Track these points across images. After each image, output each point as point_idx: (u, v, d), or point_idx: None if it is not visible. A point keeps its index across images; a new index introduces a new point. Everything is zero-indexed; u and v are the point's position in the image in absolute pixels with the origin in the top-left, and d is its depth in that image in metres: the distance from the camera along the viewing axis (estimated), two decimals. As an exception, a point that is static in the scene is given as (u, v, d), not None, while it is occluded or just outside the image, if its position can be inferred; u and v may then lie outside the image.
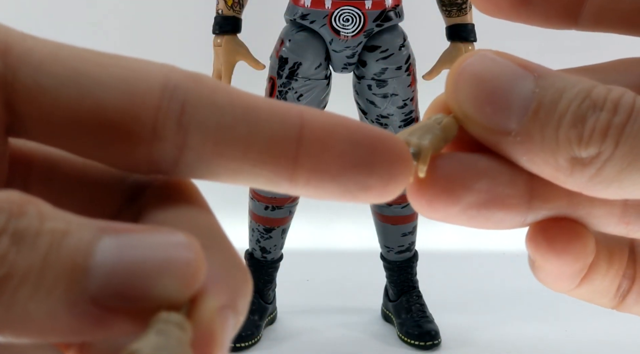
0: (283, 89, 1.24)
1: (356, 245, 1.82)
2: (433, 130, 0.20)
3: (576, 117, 0.19)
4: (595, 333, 1.33)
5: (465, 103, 0.20)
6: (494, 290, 1.57)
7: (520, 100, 0.19)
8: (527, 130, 0.19)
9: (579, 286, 0.22)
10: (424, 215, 0.21)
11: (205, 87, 0.18)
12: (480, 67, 0.20)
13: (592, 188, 0.19)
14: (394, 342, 1.33)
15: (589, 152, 0.19)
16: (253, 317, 1.33)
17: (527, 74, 0.20)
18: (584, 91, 0.19)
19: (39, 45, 0.17)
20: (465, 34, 1.27)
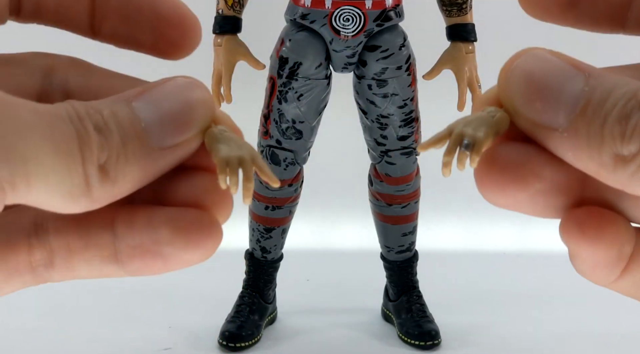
0: (283, 89, 1.24)
1: (356, 245, 1.82)
2: (487, 123, 0.21)
3: (621, 115, 0.19)
4: (595, 333, 1.33)
5: (516, 98, 0.21)
6: (494, 290, 1.57)
7: (570, 98, 0.20)
8: (575, 127, 0.20)
9: (620, 278, 0.22)
10: (492, 201, 0.22)
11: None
12: (532, 65, 0.21)
13: (633, 185, 0.20)
14: (394, 342, 1.33)
15: (630, 149, 0.19)
16: (253, 317, 1.32)
17: (578, 73, 0.20)
18: (631, 92, 0.20)
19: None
20: (466, 33, 1.27)
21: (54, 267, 0.22)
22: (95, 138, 0.20)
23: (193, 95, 0.22)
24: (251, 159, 0.22)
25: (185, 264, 0.22)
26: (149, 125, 0.21)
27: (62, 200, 0.20)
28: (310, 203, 1.59)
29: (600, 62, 0.24)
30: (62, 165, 0.19)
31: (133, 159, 0.20)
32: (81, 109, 0.20)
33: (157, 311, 1.42)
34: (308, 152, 1.31)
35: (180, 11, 0.24)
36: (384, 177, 1.33)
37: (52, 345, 1.26)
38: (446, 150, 0.21)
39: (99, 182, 0.20)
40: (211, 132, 0.22)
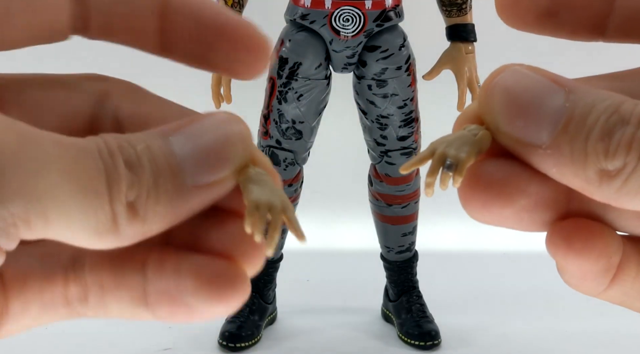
0: (283, 89, 1.24)
1: (356, 245, 1.82)
2: (469, 142, 0.21)
3: (604, 131, 0.19)
4: (595, 333, 1.33)
5: (498, 116, 0.21)
6: (494, 290, 1.57)
7: (551, 114, 0.20)
8: (558, 143, 0.20)
9: (609, 288, 0.22)
10: (477, 218, 0.22)
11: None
12: (512, 81, 0.21)
13: (619, 200, 0.20)
14: (394, 342, 1.33)
15: (615, 165, 0.19)
16: (253, 317, 1.33)
17: (558, 88, 0.20)
18: (613, 106, 0.19)
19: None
20: (466, 34, 1.27)
21: (87, 303, 0.22)
22: (125, 175, 0.19)
23: (230, 132, 0.21)
24: (282, 208, 0.21)
25: (210, 315, 0.21)
26: (183, 160, 0.20)
27: (87, 237, 0.19)
28: (310, 203, 1.59)
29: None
30: (86, 201, 0.19)
31: (164, 197, 0.20)
32: (113, 143, 0.20)
33: (157, 311, 1.42)
34: (308, 152, 1.31)
35: (255, 35, 0.23)
36: (383, 177, 1.33)
37: (52, 345, 1.26)
38: (429, 170, 0.21)
39: (127, 220, 0.19)
40: (247, 172, 0.21)
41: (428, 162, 0.21)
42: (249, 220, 0.21)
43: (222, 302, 0.21)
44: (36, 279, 0.21)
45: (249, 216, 0.21)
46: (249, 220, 0.21)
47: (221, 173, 0.21)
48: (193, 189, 0.20)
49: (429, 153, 0.21)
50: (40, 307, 0.21)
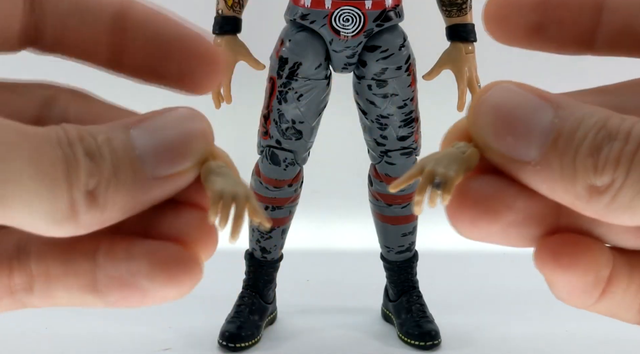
0: (283, 89, 1.24)
1: (356, 245, 1.82)
2: (458, 160, 0.21)
3: (592, 147, 0.19)
4: (595, 333, 1.33)
5: (486, 134, 0.21)
6: (494, 290, 1.57)
7: (540, 131, 0.20)
8: (547, 159, 0.20)
9: (599, 301, 0.22)
10: (464, 234, 0.22)
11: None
12: (500, 99, 0.21)
13: (608, 215, 0.20)
14: (394, 342, 1.33)
15: (603, 180, 0.19)
16: (253, 317, 1.32)
17: (546, 105, 0.20)
18: (600, 121, 0.20)
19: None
20: (465, 34, 1.27)
21: (33, 292, 0.22)
22: (84, 163, 0.20)
23: (192, 126, 0.21)
24: (245, 197, 0.22)
25: (163, 299, 0.22)
26: (143, 153, 0.20)
27: (46, 224, 0.19)
28: (310, 203, 1.59)
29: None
30: (46, 188, 0.19)
31: (124, 187, 0.20)
32: (73, 133, 0.20)
33: (157, 311, 1.42)
34: (308, 152, 1.31)
35: (207, 48, 0.24)
36: (383, 177, 1.33)
37: (52, 345, 1.26)
38: (417, 189, 0.21)
39: (86, 208, 0.20)
40: (208, 165, 0.22)
41: (416, 180, 0.22)
42: (213, 209, 0.21)
43: (176, 285, 0.21)
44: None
45: (213, 205, 0.21)
46: (213, 209, 0.21)
47: (181, 166, 0.21)
48: (153, 180, 0.21)
49: (417, 171, 0.22)
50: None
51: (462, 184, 0.21)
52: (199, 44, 0.23)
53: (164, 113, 0.21)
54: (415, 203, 0.21)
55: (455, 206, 0.21)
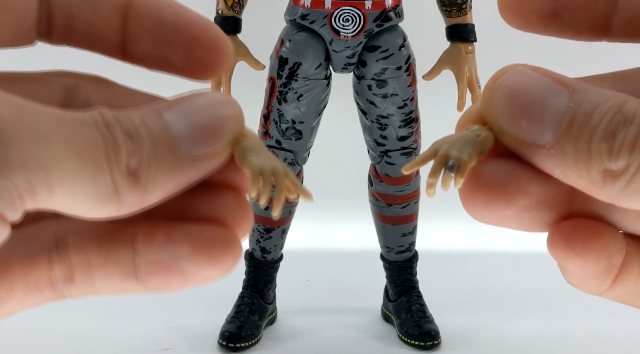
0: (283, 89, 1.24)
1: (356, 245, 1.82)
2: (472, 143, 0.21)
3: (607, 131, 0.19)
4: (595, 333, 1.33)
5: (501, 117, 0.21)
6: (494, 290, 1.57)
7: (555, 115, 0.20)
8: (561, 144, 0.20)
9: (611, 287, 0.22)
10: (478, 218, 0.22)
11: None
12: (515, 82, 0.21)
13: (623, 200, 0.20)
14: (394, 342, 1.33)
15: (618, 165, 0.19)
16: (253, 317, 1.32)
17: (562, 89, 0.20)
18: (616, 106, 0.19)
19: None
20: (465, 34, 1.27)
21: (73, 283, 0.22)
22: (124, 144, 0.20)
23: (224, 108, 0.22)
24: (284, 172, 0.22)
25: (204, 280, 0.22)
26: (179, 135, 0.21)
27: (90, 206, 0.20)
28: (310, 203, 1.59)
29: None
30: (87, 171, 0.19)
31: (164, 167, 0.20)
32: (110, 116, 0.20)
33: (157, 311, 1.42)
34: (308, 152, 1.31)
35: (214, 33, 0.24)
36: (383, 177, 1.33)
37: (52, 344, 1.26)
38: (431, 171, 0.21)
39: (128, 188, 0.20)
40: (242, 145, 0.22)
41: (430, 162, 0.21)
42: (254, 185, 0.22)
43: (218, 265, 0.22)
44: (20, 263, 0.22)
45: (254, 181, 0.22)
46: (254, 185, 0.22)
47: (216, 146, 0.21)
48: (189, 161, 0.21)
49: (431, 153, 0.21)
50: (25, 290, 0.22)
51: (476, 167, 0.21)
52: (205, 29, 0.24)
53: (194, 97, 0.22)
54: (428, 186, 0.21)
55: (468, 189, 0.21)
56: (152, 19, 0.23)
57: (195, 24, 0.24)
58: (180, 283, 0.22)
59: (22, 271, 0.21)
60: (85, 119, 0.20)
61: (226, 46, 0.24)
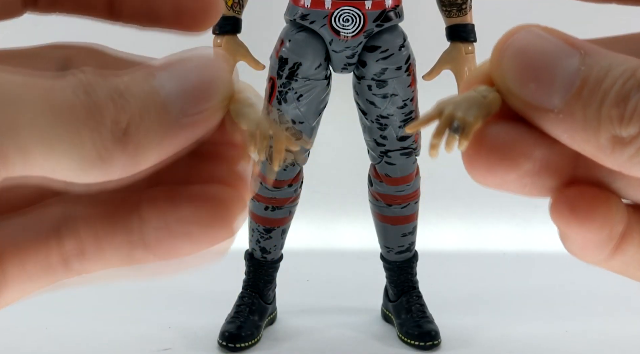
0: (283, 89, 1.24)
1: (356, 245, 1.82)
2: (478, 105, 0.21)
3: (619, 96, 0.19)
4: (595, 333, 1.33)
5: (509, 78, 0.20)
6: (494, 290, 1.57)
7: (565, 78, 0.20)
8: (570, 108, 0.19)
9: (611, 256, 0.22)
10: (480, 181, 0.21)
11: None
12: (526, 42, 0.20)
13: (631, 168, 0.19)
14: (393, 342, 1.33)
15: (629, 131, 0.19)
16: (253, 317, 1.32)
17: (574, 51, 0.20)
18: (629, 70, 0.19)
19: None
20: (465, 34, 1.27)
21: (85, 257, 0.21)
22: (109, 104, 0.19)
23: (215, 69, 0.22)
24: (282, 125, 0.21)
25: (214, 241, 0.21)
26: (169, 96, 0.20)
27: (76, 169, 0.19)
28: (310, 203, 1.59)
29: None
30: (68, 131, 0.18)
31: (154, 127, 0.20)
32: (92, 75, 0.19)
33: (157, 311, 1.42)
34: (308, 152, 1.31)
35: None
36: (383, 177, 1.33)
37: (52, 345, 1.26)
38: (435, 131, 0.21)
39: (119, 147, 0.19)
40: (236, 101, 0.22)
41: (434, 122, 0.21)
42: (251, 140, 0.21)
43: (224, 225, 0.21)
44: (30, 242, 0.21)
45: (251, 137, 0.21)
46: (251, 140, 0.21)
47: (206, 104, 0.21)
48: (181, 121, 0.20)
49: (436, 113, 0.21)
50: (37, 269, 0.21)
51: (480, 130, 0.21)
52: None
53: (185, 56, 0.21)
54: (431, 147, 0.21)
55: (472, 152, 0.21)
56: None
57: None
58: (189, 246, 0.21)
59: (33, 250, 0.21)
60: (66, 78, 0.19)
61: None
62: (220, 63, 0.22)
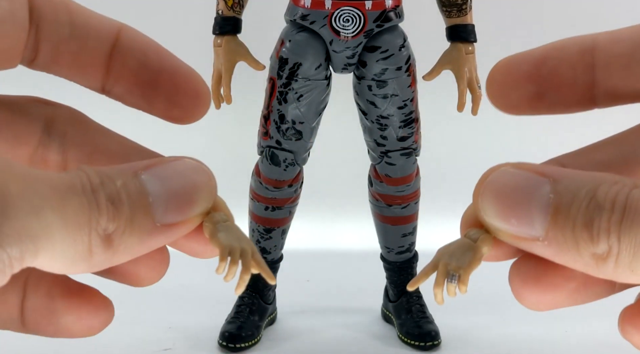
0: (283, 90, 1.24)
1: (356, 245, 1.82)
2: (469, 250, 0.23)
3: (586, 219, 0.20)
4: (595, 333, 1.33)
5: (492, 218, 0.22)
6: (494, 290, 1.56)
7: (540, 208, 0.21)
8: (551, 235, 0.21)
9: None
10: (533, 309, 0.25)
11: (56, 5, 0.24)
12: (499, 183, 0.22)
13: (619, 278, 0.21)
14: (394, 342, 1.33)
15: (602, 249, 0.20)
16: (253, 317, 1.33)
17: (543, 180, 0.22)
18: (591, 192, 0.21)
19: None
20: (465, 34, 1.27)
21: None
22: (106, 210, 0.21)
23: (199, 179, 0.23)
24: (251, 253, 0.23)
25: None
26: (155, 200, 0.22)
27: (64, 265, 0.21)
28: (310, 203, 1.59)
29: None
30: (70, 236, 0.20)
31: (137, 232, 0.21)
32: (96, 180, 0.21)
33: (157, 311, 1.42)
34: (308, 152, 1.31)
35: (195, 81, 0.25)
36: (383, 178, 1.33)
37: (52, 345, 1.26)
38: (435, 283, 0.24)
39: (101, 250, 0.21)
40: (212, 217, 0.23)
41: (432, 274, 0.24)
42: (222, 264, 0.23)
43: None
44: None
45: (222, 260, 0.23)
46: (222, 264, 0.23)
47: (188, 215, 0.22)
48: (161, 227, 0.22)
49: (432, 267, 0.24)
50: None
51: (521, 265, 0.23)
52: (188, 77, 0.24)
53: (172, 162, 0.22)
54: (435, 296, 0.24)
55: (519, 286, 0.24)
56: (137, 61, 0.24)
57: (178, 71, 0.24)
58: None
59: None
60: (74, 183, 0.20)
61: (206, 95, 0.25)
62: (204, 172, 0.23)
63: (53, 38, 0.24)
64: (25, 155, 0.24)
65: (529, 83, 0.24)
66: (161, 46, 0.25)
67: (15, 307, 0.23)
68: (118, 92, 0.25)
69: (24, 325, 0.23)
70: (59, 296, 0.23)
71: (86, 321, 0.24)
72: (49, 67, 0.24)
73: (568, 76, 0.24)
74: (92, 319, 0.24)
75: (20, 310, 0.23)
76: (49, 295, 0.23)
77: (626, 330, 0.23)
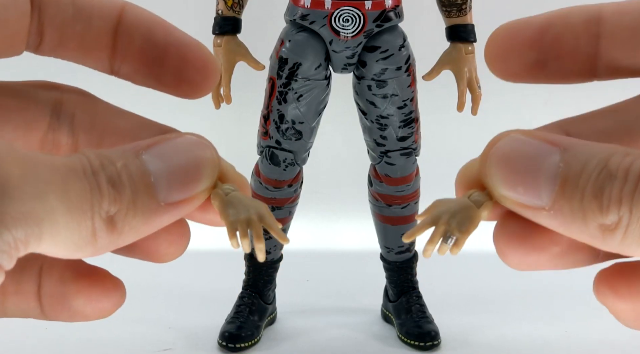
0: (283, 90, 1.24)
1: (356, 245, 1.82)
2: (470, 217, 0.23)
3: (596, 188, 0.20)
4: (595, 333, 1.33)
5: (499, 185, 0.22)
6: (494, 290, 1.57)
7: (548, 177, 0.21)
8: (558, 204, 0.21)
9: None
10: (514, 267, 0.24)
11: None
12: (508, 150, 0.22)
13: (625, 250, 0.20)
14: (393, 342, 1.33)
15: (611, 219, 0.20)
16: (253, 318, 1.33)
17: (553, 149, 0.21)
18: (602, 161, 0.20)
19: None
20: (465, 34, 1.27)
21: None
22: (107, 192, 0.21)
23: (201, 154, 0.23)
24: (259, 219, 0.23)
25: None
26: (157, 179, 0.22)
27: (69, 250, 0.21)
28: (310, 203, 1.59)
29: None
30: (74, 220, 0.20)
31: (141, 213, 0.21)
32: (96, 162, 0.21)
33: (157, 311, 1.42)
34: (308, 152, 1.31)
35: (203, 54, 0.24)
36: (383, 178, 1.33)
37: (52, 345, 1.26)
38: (429, 239, 0.23)
39: (105, 233, 0.21)
40: (217, 193, 0.23)
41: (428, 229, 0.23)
42: (233, 241, 0.23)
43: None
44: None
45: (231, 237, 0.23)
46: (233, 241, 0.23)
47: (192, 192, 0.22)
48: (165, 206, 0.22)
49: (430, 221, 0.23)
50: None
51: (507, 224, 0.23)
52: (195, 51, 0.24)
53: (173, 139, 0.22)
54: (424, 250, 0.23)
55: (503, 245, 0.23)
56: (143, 37, 0.24)
57: (185, 45, 0.24)
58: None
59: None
60: (75, 166, 0.20)
61: (214, 68, 0.25)
62: (206, 147, 0.23)
63: (56, 21, 0.23)
64: (35, 140, 0.24)
65: (531, 50, 0.24)
66: (166, 21, 0.25)
67: (33, 295, 0.23)
68: (126, 71, 0.24)
69: (43, 313, 0.23)
70: (70, 280, 0.23)
71: (97, 303, 0.23)
72: (55, 51, 0.24)
73: (571, 45, 0.23)
74: (103, 301, 0.23)
75: (38, 298, 0.23)
76: (61, 279, 0.23)
77: (601, 292, 0.23)
